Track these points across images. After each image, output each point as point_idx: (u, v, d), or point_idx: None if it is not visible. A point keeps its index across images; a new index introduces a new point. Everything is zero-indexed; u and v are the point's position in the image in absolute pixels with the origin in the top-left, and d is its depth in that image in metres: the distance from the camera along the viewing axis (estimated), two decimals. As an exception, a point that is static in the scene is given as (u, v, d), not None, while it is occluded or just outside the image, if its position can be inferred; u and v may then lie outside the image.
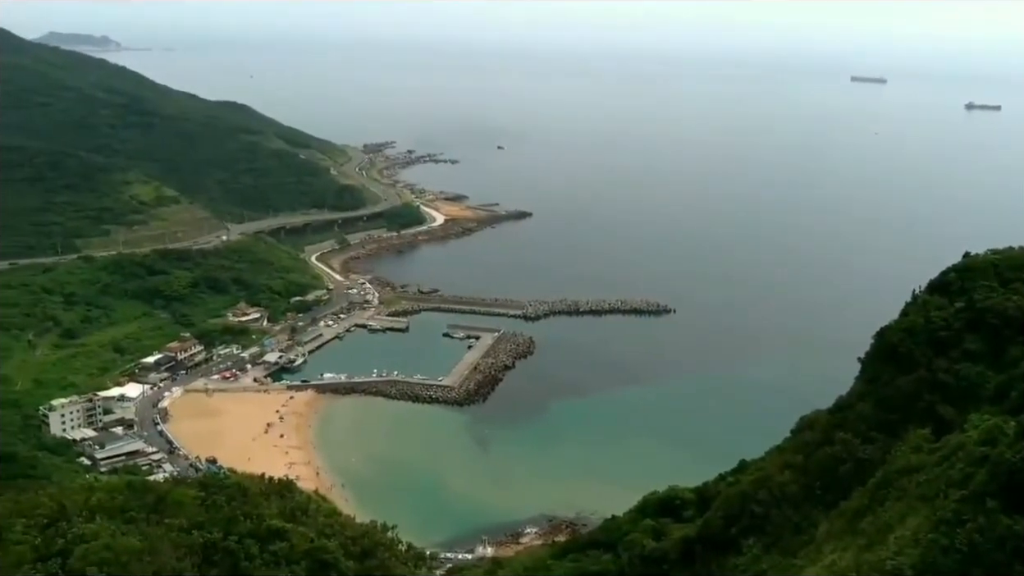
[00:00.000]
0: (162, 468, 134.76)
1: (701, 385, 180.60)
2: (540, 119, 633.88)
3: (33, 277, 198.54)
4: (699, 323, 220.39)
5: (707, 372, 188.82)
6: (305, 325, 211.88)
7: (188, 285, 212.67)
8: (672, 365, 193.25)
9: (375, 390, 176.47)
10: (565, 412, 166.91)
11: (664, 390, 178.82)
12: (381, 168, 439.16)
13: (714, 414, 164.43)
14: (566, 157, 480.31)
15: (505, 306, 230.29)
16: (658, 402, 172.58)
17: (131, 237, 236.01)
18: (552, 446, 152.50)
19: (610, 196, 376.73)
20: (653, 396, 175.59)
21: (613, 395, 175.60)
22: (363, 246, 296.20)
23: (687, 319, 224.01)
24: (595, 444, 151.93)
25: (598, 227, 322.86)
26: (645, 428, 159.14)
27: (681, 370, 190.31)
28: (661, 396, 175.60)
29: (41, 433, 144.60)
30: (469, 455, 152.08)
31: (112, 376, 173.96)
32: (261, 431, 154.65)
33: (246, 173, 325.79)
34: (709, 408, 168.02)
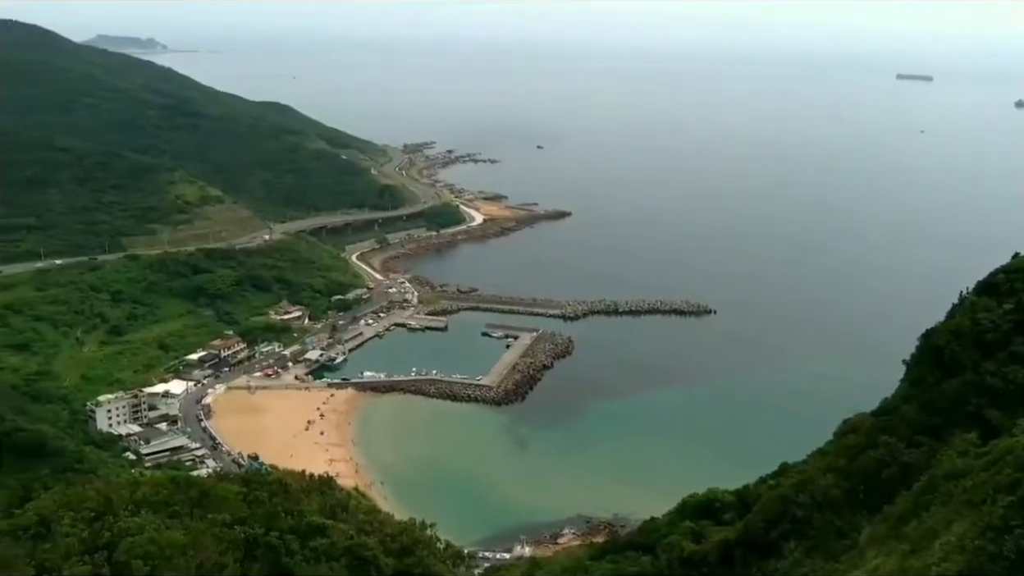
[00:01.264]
0: (205, 464, 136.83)
1: (742, 387, 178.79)
2: (580, 119, 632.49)
3: (81, 275, 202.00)
4: (741, 324, 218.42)
5: (748, 374, 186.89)
6: (346, 324, 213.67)
7: (232, 283, 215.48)
8: (712, 367, 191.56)
9: (414, 389, 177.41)
10: (603, 413, 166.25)
11: (704, 392, 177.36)
12: (421, 168, 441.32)
13: (755, 417, 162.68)
14: (606, 156, 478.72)
15: (544, 306, 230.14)
16: (698, 404, 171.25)
17: (176, 236, 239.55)
18: (590, 447, 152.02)
19: (650, 195, 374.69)
20: (693, 398, 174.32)
21: (652, 396, 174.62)
22: (403, 245, 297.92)
23: (728, 320, 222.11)
24: (633, 445, 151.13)
25: (638, 227, 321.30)
26: (684, 430, 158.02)
27: (721, 372, 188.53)
28: (701, 398, 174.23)
29: (88, 428, 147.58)
30: (507, 454, 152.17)
31: (157, 373, 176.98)
32: (302, 428, 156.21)
33: (288, 173, 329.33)
34: (749, 411, 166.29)
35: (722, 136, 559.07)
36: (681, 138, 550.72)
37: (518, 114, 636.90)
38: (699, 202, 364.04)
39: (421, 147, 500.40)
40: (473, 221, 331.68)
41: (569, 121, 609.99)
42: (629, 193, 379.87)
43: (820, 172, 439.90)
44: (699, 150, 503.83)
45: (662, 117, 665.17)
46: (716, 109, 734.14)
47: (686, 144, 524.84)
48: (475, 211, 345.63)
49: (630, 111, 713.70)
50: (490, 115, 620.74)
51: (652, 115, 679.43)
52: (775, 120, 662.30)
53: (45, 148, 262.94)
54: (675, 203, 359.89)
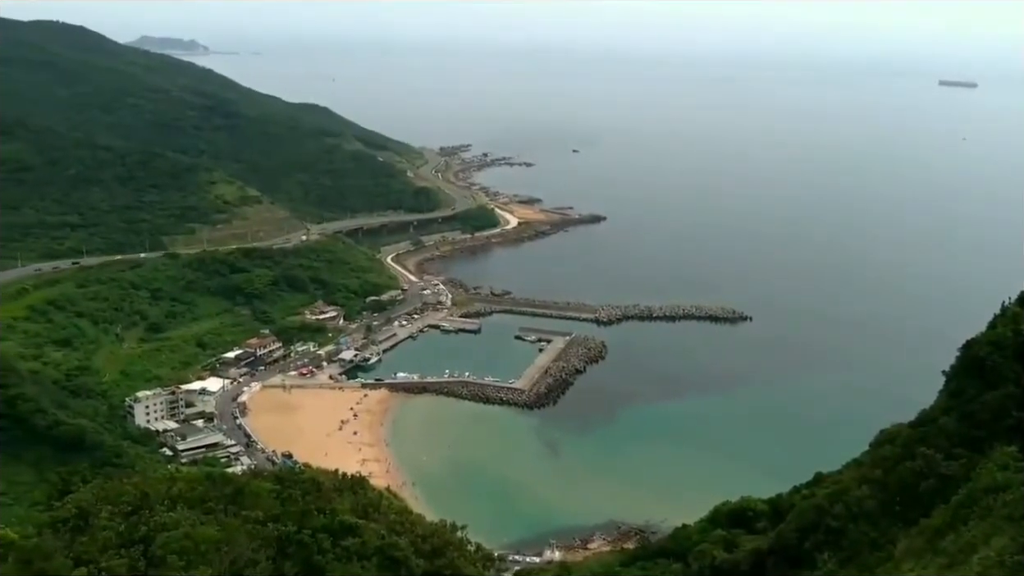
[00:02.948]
0: (240, 461, 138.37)
1: (777, 395, 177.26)
2: (615, 122, 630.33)
3: (122, 273, 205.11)
4: (777, 331, 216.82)
5: (783, 381, 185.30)
6: (380, 324, 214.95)
7: (268, 283, 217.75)
8: (747, 373, 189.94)
9: (447, 390, 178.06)
10: (636, 419, 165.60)
11: (738, 399, 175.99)
12: (456, 171, 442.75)
13: (789, 425, 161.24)
14: (641, 160, 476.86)
15: (577, 310, 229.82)
16: (732, 411, 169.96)
17: (215, 235, 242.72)
18: (622, 452, 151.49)
19: (686, 200, 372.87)
20: (727, 405, 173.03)
21: (685, 403, 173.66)
22: (437, 247, 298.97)
23: (765, 327, 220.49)
24: (665, 452, 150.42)
25: (673, 231, 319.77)
26: (717, 437, 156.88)
27: (757, 379, 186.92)
28: (735, 405, 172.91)
29: (126, 423, 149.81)
30: (538, 458, 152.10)
31: (194, 370, 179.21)
32: (335, 427, 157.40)
33: (325, 174, 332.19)
34: (784, 419, 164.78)
35: (758, 141, 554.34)
36: (716, 142, 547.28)
37: (553, 117, 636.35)
38: (736, 206, 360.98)
39: (457, 150, 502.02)
40: (507, 224, 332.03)
41: (605, 125, 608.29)
42: (664, 197, 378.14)
43: (859, 179, 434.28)
44: (735, 155, 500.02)
45: (695, 121, 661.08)
46: (751, 114, 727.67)
47: (721, 148, 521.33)
48: (509, 214, 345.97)
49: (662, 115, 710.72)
50: (525, 118, 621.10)
51: (685, 119, 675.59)
52: (813, 125, 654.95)
53: (88, 147, 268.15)
54: (711, 208, 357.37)
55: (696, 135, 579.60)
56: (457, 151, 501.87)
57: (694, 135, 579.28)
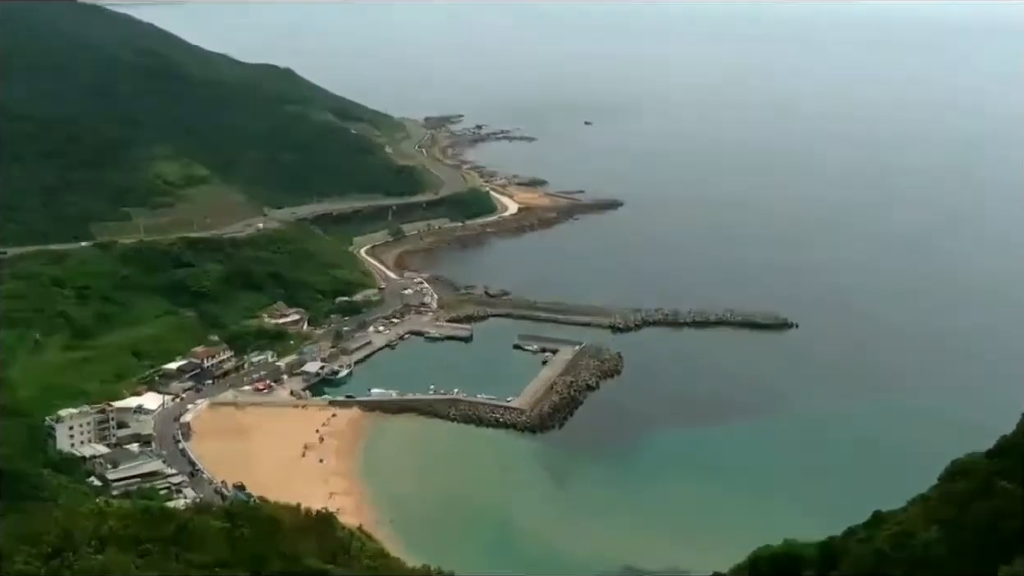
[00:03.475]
0: (183, 493, 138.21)
1: (827, 418, 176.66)
2: (635, 90, 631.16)
3: (43, 267, 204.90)
4: (827, 341, 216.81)
5: (835, 402, 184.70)
6: (352, 330, 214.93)
7: (219, 280, 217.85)
8: (792, 391, 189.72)
9: (431, 410, 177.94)
10: (658, 445, 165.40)
11: (782, 423, 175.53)
12: (444, 146, 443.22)
13: (841, 454, 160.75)
14: (666, 135, 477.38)
15: (589, 314, 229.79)
16: (773, 437, 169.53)
17: (155, 222, 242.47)
18: (642, 486, 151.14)
19: (720, 183, 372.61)
20: (767, 430, 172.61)
21: (718, 427, 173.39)
22: (421, 238, 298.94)
23: (813, 336, 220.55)
24: (693, 485, 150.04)
25: (704, 220, 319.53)
26: (756, 468, 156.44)
27: (804, 399, 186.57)
28: (777, 430, 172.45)
29: (47, 448, 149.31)
30: (541, 492, 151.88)
31: (129, 384, 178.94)
32: (298, 454, 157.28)
33: (288, 150, 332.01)
34: (835, 446, 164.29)
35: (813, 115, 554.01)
36: (760, 114, 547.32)
37: (562, 83, 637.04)
38: (781, 193, 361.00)
39: (445, 121, 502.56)
40: (505, 211, 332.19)
41: (623, 93, 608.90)
42: (694, 179, 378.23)
43: (934, 160, 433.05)
44: (780, 131, 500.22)
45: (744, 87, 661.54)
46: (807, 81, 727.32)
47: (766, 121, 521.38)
48: (508, 199, 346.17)
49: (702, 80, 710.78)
50: (528, 83, 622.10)
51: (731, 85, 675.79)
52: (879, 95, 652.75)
53: (3, 116, 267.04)
54: (751, 192, 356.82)
55: (743, 104, 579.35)
56: (445, 122, 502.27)
57: (740, 104, 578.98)
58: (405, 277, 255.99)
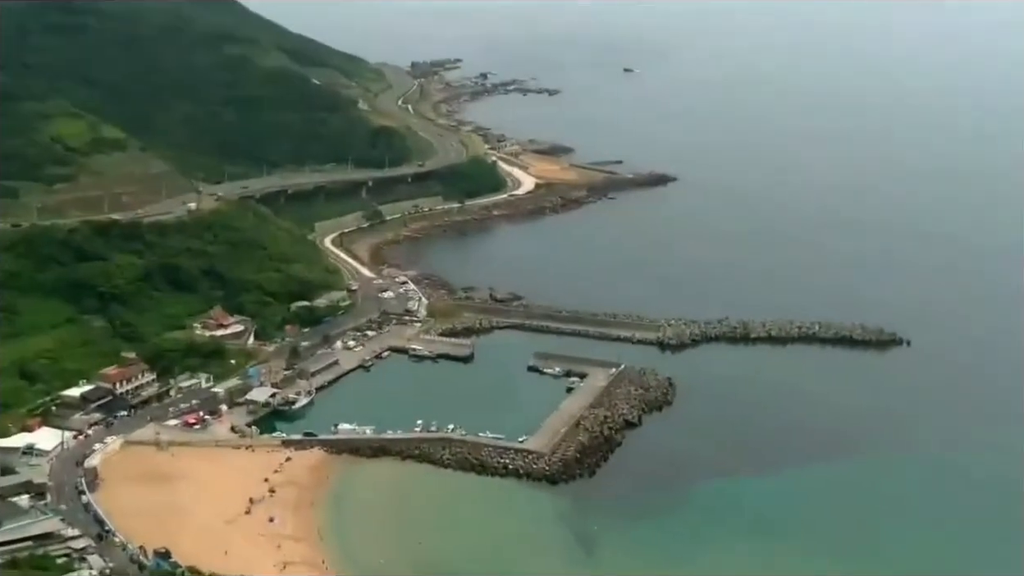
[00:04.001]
0: (87, 562, 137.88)
1: (947, 461, 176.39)
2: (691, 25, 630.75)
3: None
4: (947, 363, 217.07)
5: (958, 440, 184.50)
6: (312, 346, 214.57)
7: (136, 278, 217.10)
8: (900, 427, 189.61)
9: (419, 453, 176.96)
10: (719, 498, 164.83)
11: (885, 467, 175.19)
12: (437, 101, 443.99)
13: (968, 508, 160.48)
14: (732, 88, 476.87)
15: (629, 326, 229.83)
16: (873, 486, 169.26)
17: (51, 201, 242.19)
18: (697, 551, 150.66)
19: (802, 151, 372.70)
20: (866, 476, 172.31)
21: (799, 473, 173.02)
22: (406, 224, 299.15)
23: (930, 355, 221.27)
24: (765, 550, 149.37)
25: (782, 201, 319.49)
26: (847, 529, 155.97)
27: (915, 436, 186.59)
28: (880, 476, 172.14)
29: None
30: (565, 560, 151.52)
31: (16, 416, 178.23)
32: (241, 510, 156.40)
33: (228, 105, 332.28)
34: (958, 500, 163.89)
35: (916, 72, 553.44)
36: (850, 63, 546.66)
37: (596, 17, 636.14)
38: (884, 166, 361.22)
39: (439, 67, 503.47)
40: (518, 187, 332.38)
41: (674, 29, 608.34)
42: (768, 147, 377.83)
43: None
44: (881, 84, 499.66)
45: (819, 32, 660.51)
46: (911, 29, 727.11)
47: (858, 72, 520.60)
48: (522, 171, 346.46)
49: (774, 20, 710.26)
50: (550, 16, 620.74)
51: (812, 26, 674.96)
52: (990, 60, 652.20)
53: None
54: (845, 166, 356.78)
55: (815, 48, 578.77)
56: (439, 69, 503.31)
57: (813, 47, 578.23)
58: (384, 275, 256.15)
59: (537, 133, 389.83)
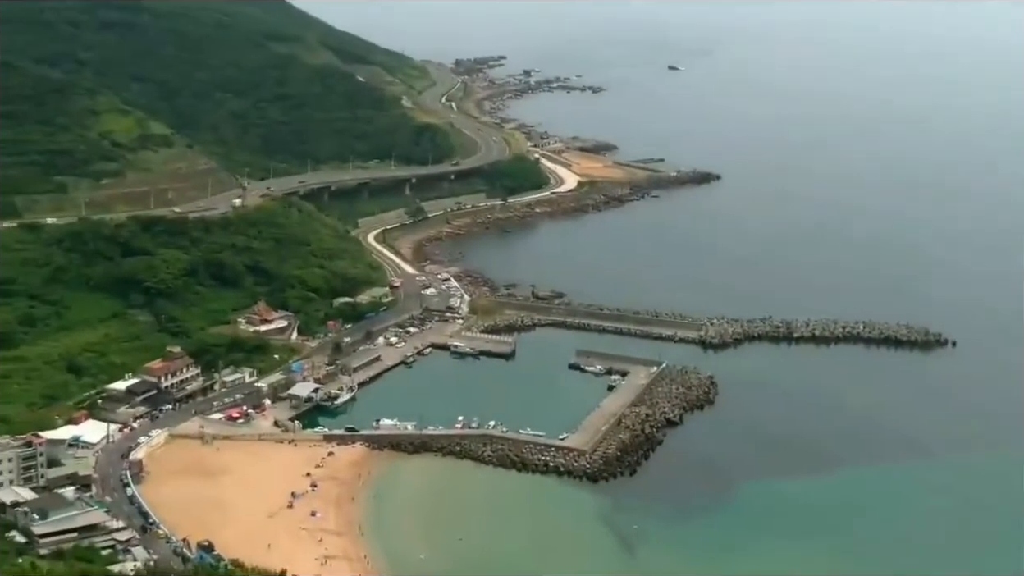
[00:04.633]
0: (131, 554, 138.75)
1: (993, 464, 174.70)
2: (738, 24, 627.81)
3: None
4: (997, 364, 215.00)
5: (1004, 443, 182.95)
6: (355, 342, 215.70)
7: (181, 273, 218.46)
8: (944, 430, 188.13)
9: (459, 449, 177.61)
10: (763, 499, 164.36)
11: (929, 470, 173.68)
12: (481, 98, 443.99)
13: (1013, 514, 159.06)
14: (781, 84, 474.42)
15: (671, 324, 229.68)
16: (918, 488, 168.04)
17: (99, 196, 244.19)
18: (737, 552, 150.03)
19: (849, 149, 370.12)
20: (914, 480, 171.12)
21: (843, 475, 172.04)
22: (448, 221, 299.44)
23: (976, 357, 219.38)
24: (812, 552, 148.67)
25: (826, 200, 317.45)
26: (897, 531, 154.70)
27: (959, 439, 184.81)
28: (925, 480, 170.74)
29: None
30: (606, 559, 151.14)
31: (62, 409, 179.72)
32: (283, 504, 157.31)
33: (274, 102, 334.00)
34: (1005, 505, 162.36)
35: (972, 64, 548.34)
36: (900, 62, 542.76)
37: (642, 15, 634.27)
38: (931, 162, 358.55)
39: (482, 65, 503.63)
40: (561, 185, 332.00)
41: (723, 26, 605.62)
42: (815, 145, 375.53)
43: None
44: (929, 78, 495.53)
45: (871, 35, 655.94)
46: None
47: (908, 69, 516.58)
48: (564, 169, 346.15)
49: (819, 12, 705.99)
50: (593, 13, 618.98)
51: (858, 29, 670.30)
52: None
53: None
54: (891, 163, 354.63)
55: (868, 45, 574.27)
56: (482, 67, 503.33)
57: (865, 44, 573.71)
58: (426, 272, 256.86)
59: (580, 130, 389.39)
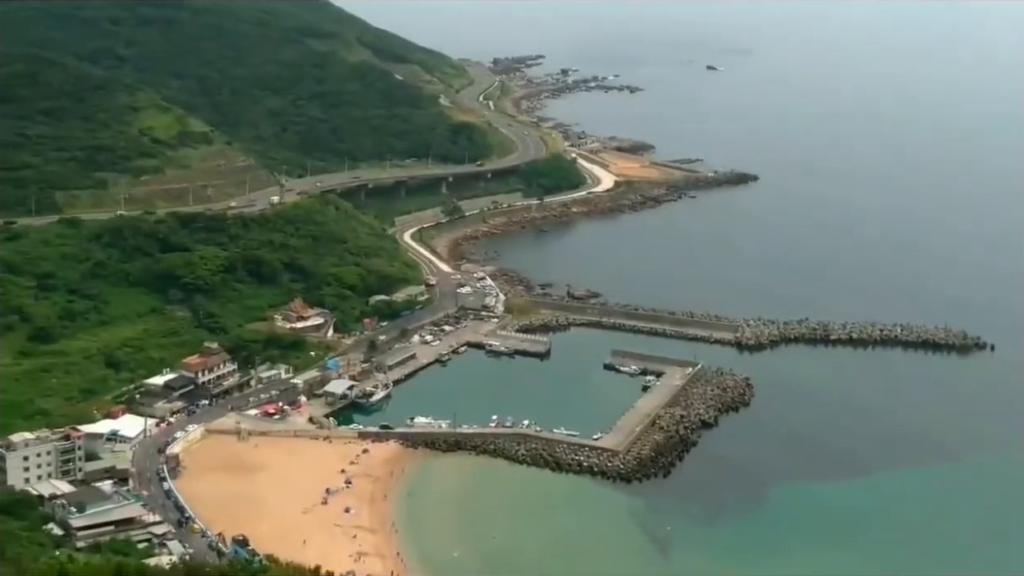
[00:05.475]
0: (167, 548, 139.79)
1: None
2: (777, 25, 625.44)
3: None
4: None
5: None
6: (390, 340, 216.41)
7: (219, 269, 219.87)
8: (982, 434, 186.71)
9: (493, 448, 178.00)
10: (797, 502, 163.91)
11: (968, 475, 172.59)
12: (518, 97, 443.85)
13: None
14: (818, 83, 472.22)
15: (706, 326, 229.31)
16: (960, 494, 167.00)
17: (138, 193, 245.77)
18: (770, 557, 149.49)
19: (888, 150, 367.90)
20: (952, 483, 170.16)
21: (879, 479, 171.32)
22: (484, 220, 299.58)
23: (1013, 362, 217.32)
24: (843, 558, 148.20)
25: (864, 204, 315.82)
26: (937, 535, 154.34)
27: (1003, 443, 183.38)
28: (966, 484, 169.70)
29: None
30: (639, 560, 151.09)
31: (100, 403, 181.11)
32: (317, 500, 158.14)
33: (312, 100, 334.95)
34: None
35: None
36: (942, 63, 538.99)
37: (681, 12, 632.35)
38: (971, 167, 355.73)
39: (520, 64, 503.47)
40: (597, 184, 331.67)
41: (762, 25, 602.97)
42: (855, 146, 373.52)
43: None
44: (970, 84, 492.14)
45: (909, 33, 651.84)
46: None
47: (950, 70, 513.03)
48: (601, 169, 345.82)
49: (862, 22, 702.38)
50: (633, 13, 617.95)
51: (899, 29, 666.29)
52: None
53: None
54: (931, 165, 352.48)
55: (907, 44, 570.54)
56: (520, 66, 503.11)
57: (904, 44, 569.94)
58: (462, 271, 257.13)
59: (618, 130, 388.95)
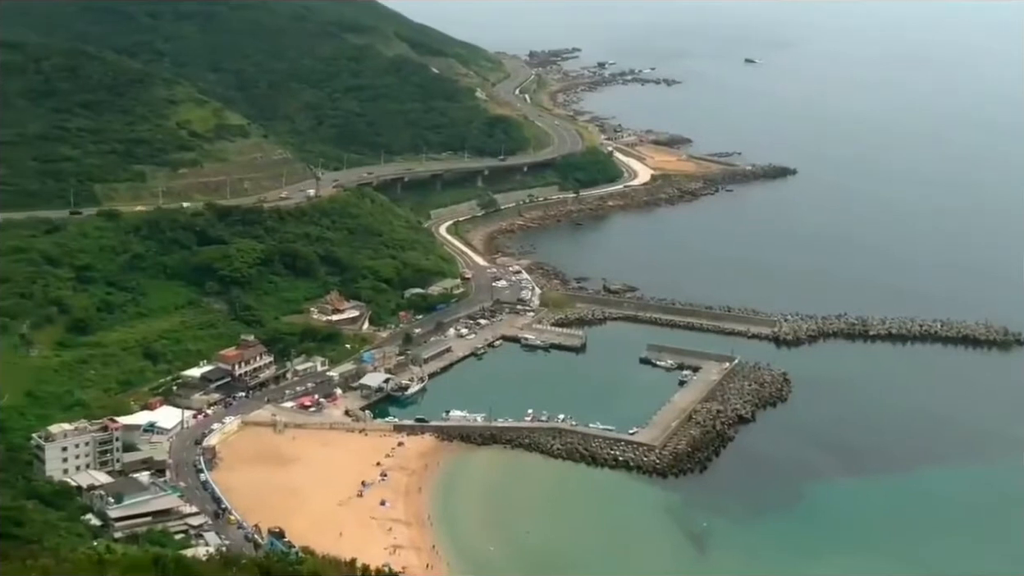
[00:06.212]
0: (204, 539, 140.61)
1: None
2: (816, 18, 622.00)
3: (32, 239, 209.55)
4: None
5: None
6: (426, 333, 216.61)
7: (256, 262, 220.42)
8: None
9: (529, 441, 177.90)
10: (835, 499, 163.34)
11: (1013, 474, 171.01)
12: (555, 91, 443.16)
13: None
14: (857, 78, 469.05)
15: (744, 320, 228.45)
16: (1001, 493, 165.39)
17: (176, 185, 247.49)
18: (806, 554, 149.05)
19: (928, 145, 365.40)
20: (995, 480, 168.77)
21: (919, 476, 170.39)
22: (520, 213, 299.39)
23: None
24: (882, 557, 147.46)
25: (905, 198, 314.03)
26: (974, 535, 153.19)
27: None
28: (1008, 483, 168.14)
29: (32, 473, 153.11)
30: (673, 556, 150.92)
31: (138, 394, 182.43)
32: (353, 492, 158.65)
33: (349, 93, 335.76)
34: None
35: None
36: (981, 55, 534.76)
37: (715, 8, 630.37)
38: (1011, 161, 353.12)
39: (556, 57, 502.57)
40: (634, 178, 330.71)
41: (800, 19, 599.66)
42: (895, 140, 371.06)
43: None
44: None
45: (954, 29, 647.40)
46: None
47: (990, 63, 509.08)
48: (638, 162, 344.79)
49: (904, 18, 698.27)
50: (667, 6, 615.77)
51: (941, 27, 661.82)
52: None
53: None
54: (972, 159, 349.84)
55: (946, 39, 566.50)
56: (557, 59, 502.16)
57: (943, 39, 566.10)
58: (498, 264, 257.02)
59: (655, 123, 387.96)
